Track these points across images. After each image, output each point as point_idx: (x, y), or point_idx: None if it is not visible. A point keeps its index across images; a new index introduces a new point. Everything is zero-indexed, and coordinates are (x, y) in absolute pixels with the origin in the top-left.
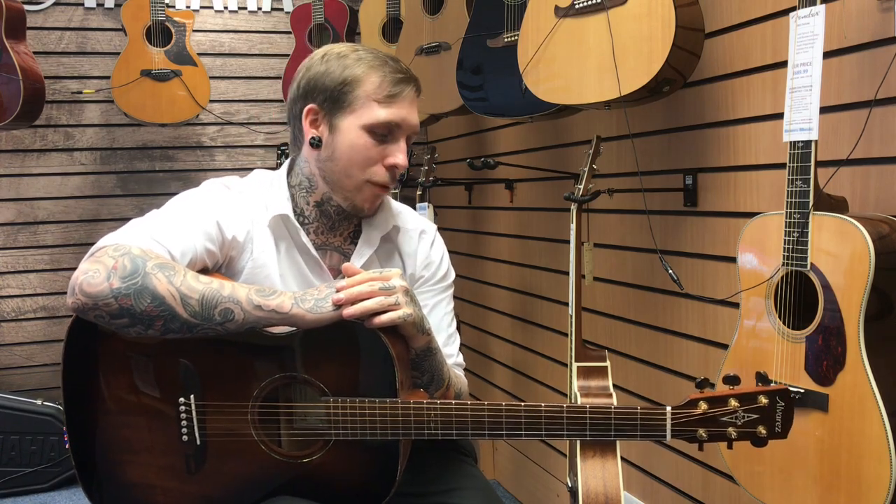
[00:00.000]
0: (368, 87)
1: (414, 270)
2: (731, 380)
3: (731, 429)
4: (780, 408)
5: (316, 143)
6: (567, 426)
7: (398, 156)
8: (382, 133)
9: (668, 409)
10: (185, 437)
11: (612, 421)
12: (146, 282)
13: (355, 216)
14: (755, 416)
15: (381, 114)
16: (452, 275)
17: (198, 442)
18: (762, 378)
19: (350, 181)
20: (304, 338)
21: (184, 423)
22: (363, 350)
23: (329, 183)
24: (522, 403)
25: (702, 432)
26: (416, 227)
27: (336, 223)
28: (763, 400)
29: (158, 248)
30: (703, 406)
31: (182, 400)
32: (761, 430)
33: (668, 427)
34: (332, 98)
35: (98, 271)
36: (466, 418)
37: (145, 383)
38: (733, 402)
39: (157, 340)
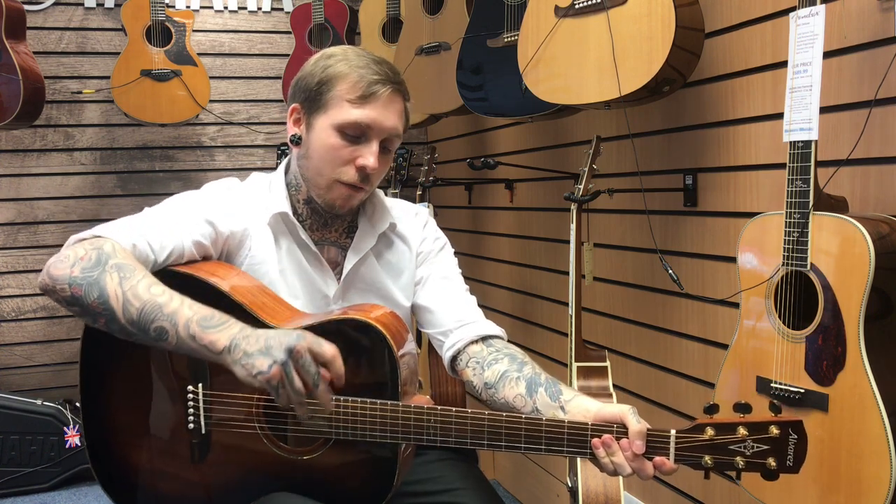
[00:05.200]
0: (342, 88)
1: (418, 249)
2: (742, 407)
3: (738, 458)
4: (792, 440)
5: (296, 141)
6: (568, 442)
7: (368, 158)
8: (353, 134)
9: (673, 432)
10: (191, 426)
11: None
12: (100, 278)
13: (347, 214)
14: (765, 447)
15: (350, 114)
16: (445, 238)
17: (203, 431)
18: (774, 407)
19: (321, 179)
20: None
21: (191, 411)
22: (368, 351)
23: (306, 181)
24: (523, 416)
25: (707, 459)
26: (409, 211)
27: (329, 220)
28: (774, 430)
29: (140, 241)
30: (710, 432)
31: (191, 388)
32: (771, 462)
33: (672, 451)
34: (311, 97)
35: (69, 257)
36: (466, 427)
37: (158, 370)
38: (742, 431)
39: None
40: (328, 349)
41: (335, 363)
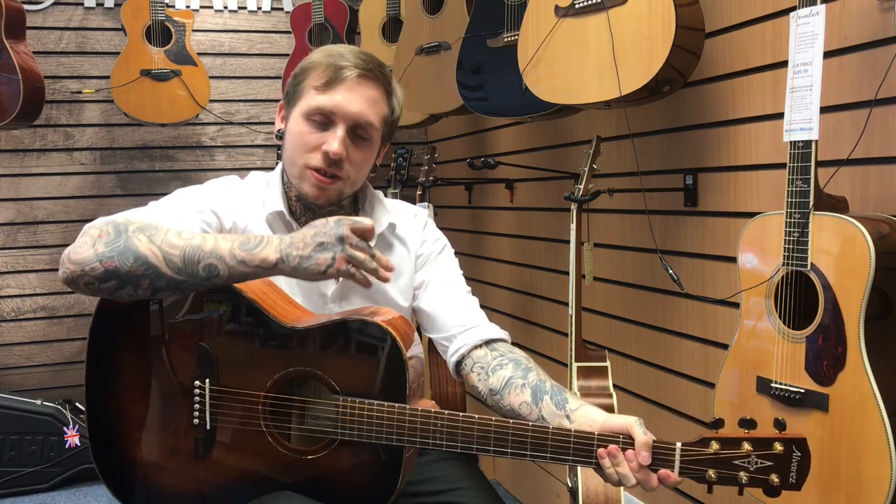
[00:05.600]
0: (312, 77)
1: (417, 252)
2: (748, 423)
3: (742, 473)
4: (795, 457)
5: (279, 136)
6: (573, 452)
7: (332, 143)
8: (319, 121)
9: (678, 445)
10: (196, 421)
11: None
12: (128, 244)
13: (340, 210)
14: (769, 463)
15: (314, 100)
16: (445, 239)
17: (207, 427)
18: (779, 424)
19: (294, 168)
20: (321, 334)
21: (196, 406)
22: (377, 353)
23: (288, 174)
24: (529, 424)
25: (711, 473)
26: (409, 213)
27: (321, 218)
28: (778, 447)
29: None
30: (715, 446)
31: (197, 383)
32: (774, 478)
33: (677, 463)
34: (290, 92)
35: (85, 242)
36: (472, 433)
37: (164, 364)
38: (747, 446)
39: (177, 323)
40: (366, 222)
41: (373, 231)
